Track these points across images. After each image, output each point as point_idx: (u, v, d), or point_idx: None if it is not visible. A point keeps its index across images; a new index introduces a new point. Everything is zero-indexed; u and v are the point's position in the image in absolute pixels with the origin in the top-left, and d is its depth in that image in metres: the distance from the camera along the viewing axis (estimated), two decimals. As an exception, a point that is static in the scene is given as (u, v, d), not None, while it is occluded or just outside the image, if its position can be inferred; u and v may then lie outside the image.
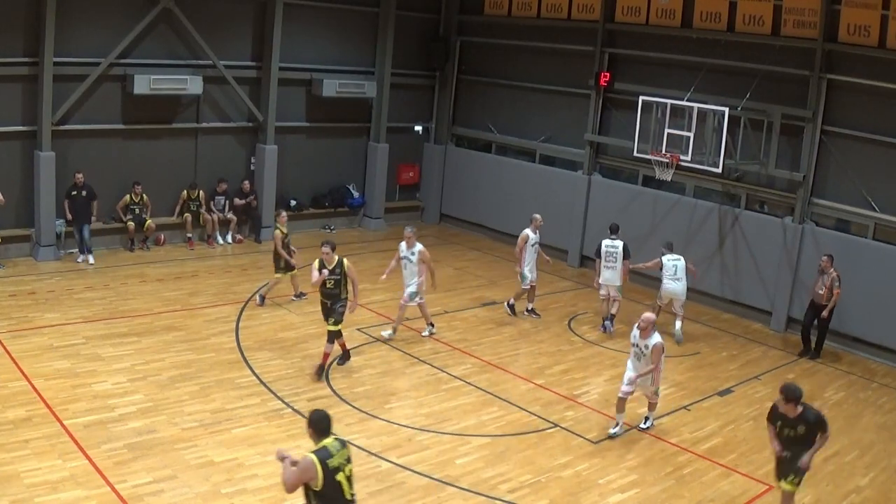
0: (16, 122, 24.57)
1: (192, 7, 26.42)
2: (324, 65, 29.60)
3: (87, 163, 25.63)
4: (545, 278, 25.51)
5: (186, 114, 27.56)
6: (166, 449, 14.56)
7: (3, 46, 24.01)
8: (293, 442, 14.87)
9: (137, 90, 25.65)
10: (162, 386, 17.12)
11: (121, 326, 20.12)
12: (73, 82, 24.92)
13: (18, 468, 13.57)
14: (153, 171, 26.85)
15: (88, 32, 25.09)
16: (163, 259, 25.93)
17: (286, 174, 29.10)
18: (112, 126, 26.16)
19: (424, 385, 17.62)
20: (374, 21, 30.31)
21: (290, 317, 21.46)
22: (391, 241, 28.46)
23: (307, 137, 30.12)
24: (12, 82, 24.33)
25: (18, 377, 16.94)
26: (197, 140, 27.98)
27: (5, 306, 20.97)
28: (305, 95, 29.66)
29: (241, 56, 28.10)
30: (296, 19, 28.38)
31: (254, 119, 28.44)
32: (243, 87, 28.05)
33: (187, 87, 26.45)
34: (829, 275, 20.94)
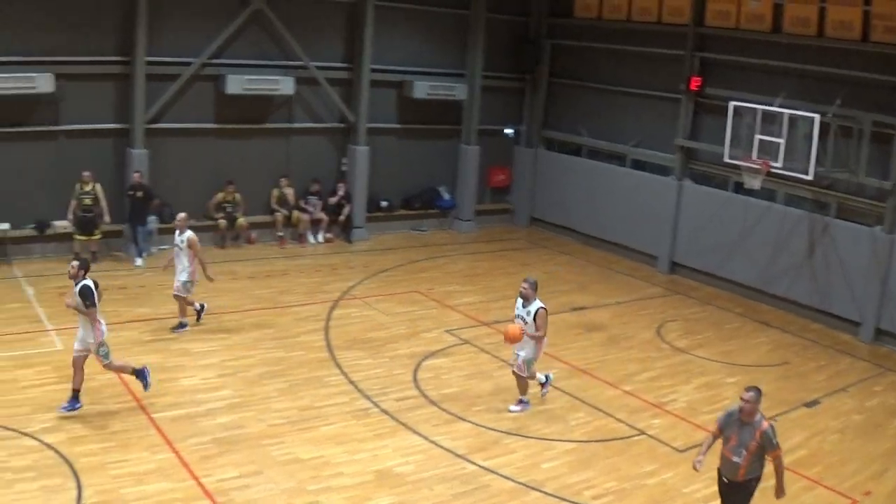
0: (109, 119, 25.03)
1: (284, 8, 26.59)
2: (414, 67, 29.52)
3: (179, 161, 26.05)
4: (634, 284, 25.24)
5: (278, 114, 27.72)
6: (253, 444, 14.60)
7: (96, 45, 24.48)
8: (380, 441, 14.90)
9: (230, 90, 25.89)
10: (250, 382, 17.21)
11: (211, 322, 20.27)
12: (165, 81, 25.29)
13: (105, 459, 13.73)
14: (245, 170, 27.04)
15: (181, 32, 25.44)
16: (254, 257, 26.08)
17: (377, 175, 29.07)
18: (204, 125, 26.46)
19: (512, 388, 17.37)
20: (465, 23, 30.16)
21: (379, 317, 21.41)
22: (481, 244, 28.65)
23: (398, 139, 30.08)
24: (106, 81, 24.80)
25: (108, 371, 16.98)
26: (289, 140, 28.05)
27: (97, 300, 21.18)
28: (397, 97, 29.62)
29: (333, 57, 28.17)
30: (387, 21, 28.36)
31: (345, 120, 28.47)
32: (335, 89, 28.08)
33: (279, 88, 26.60)
34: None
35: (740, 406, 11.68)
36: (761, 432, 11.49)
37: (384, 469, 14.13)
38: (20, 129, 23.96)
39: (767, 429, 11.59)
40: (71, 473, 13.26)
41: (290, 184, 27.67)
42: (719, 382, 18.85)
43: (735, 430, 11.75)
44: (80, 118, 24.62)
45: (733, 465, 11.73)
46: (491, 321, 21.20)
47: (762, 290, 24.78)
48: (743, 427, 11.65)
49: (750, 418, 11.63)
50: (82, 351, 14.87)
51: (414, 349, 19.34)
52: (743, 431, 11.63)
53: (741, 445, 11.60)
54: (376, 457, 14.51)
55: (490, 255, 27.90)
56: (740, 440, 11.62)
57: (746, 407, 11.61)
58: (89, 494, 12.71)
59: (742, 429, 11.65)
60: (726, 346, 21.34)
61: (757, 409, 11.64)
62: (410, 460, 14.47)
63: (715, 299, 23.78)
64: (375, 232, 29.00)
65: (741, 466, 11.64)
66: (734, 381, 18.82)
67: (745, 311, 23.92)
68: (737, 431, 11.71)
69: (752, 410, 11.62)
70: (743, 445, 11.59)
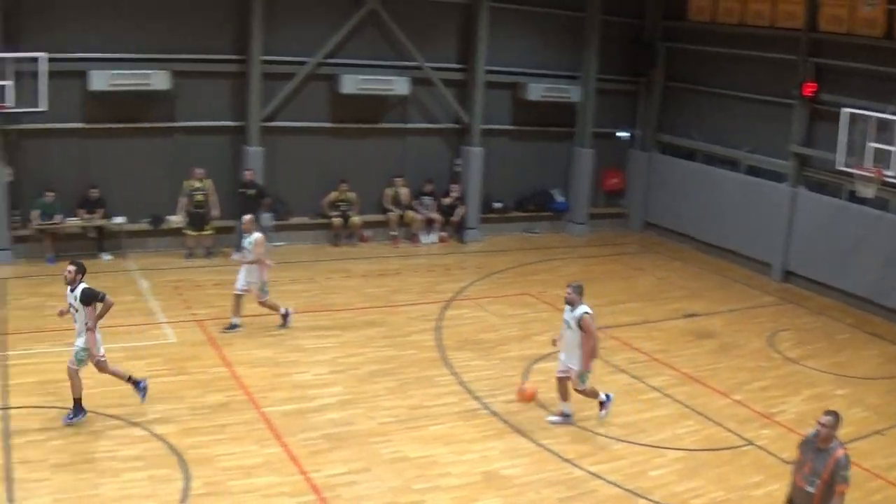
0: (225, 117, 25.39)
1: (398, 8, 26.61)
2: (528, 68, 29.25)
3: (294, 160, 26.27)
4: (747, 292, 24.80)
5: (393, 114, 27.73)
6: (362, 442, 14.56)
7: (213, 44, 24.87)
8: (488, 443, 14.75)
9: (345, 90, 25.98)
10: (361, 380, 17.20)
11: (324, 319, 20.38)
12: (280, 80, 25.56)
13: (214, 451, 13.85)
14: (359, 169, 27.11)
15: (296, 32, 25.67)
16: (367, 256, 26.14)
17: (491, 176, 28.88)
18: (319, 124, 26.63)
19: (622, 395, 17.06)
20: (579, 25, 29.74)
21: (491, 319, 21.24)
22: (594, 248, 28.41)
23: (512, 140, 29.85)
24: (222, 79, 25.19)
25: (220, 364, 17.41)
26: (403, 140, 28.07)
27: (210, 295, 21.62)
28: (511, 99, 29.40)
29: (447, 58, 28.09)
30: (501, 22, 28.14)
31: (459, 121, 28.36)
32: (449, 89, 28.01)
33: (394, 88, 26.62)
34: None
35: (817, 430, 10.90)
36: (835, 460, 10.67)
37: (491, 471, 13.97)
38: (137, 125, 24.38)
39: (841, 457, 10.74)
40: (179, 464, 13.37)
41: (404, 183, 27.66)
42: (829, 394, 18.25)
43: (811, 456, 10.97)
44: (195, 115, 25.03)
45: (806, 496, 10.93)
46: (603, 326, 20.78)
47: (874, 302, 23.97)
48: (818, 454, 10.86)
49: (826, 444, 10.84)
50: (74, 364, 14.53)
51: (524, 352, 19.10)
52: (818, 458, 10.84)
53: (814, 474, 10.81)
54: (484, 458, 14.35)
55: (602, 259, 27.56)
56: (814, 468, 10.85)
57: (823, 431, 10.82)
58: (197, 486, 12.80)
59: (817, 456, 10.87)
60: (837, 357, 20.67)
61: (834, 434, 10.82)
62: (518, 463, 14.28)
63: (827, 310, 23.13)
64: (488, 233, 28.82)
65: (815, 497, 10.82)
66: (843, 394, 18.27)
67: (857, 323, 23.18)
68: (812, 458, 10.93)
69: (829, 436, 10.82)
70: (816, 474, 10.80)
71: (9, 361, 16.87)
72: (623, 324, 21.20)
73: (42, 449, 13.63)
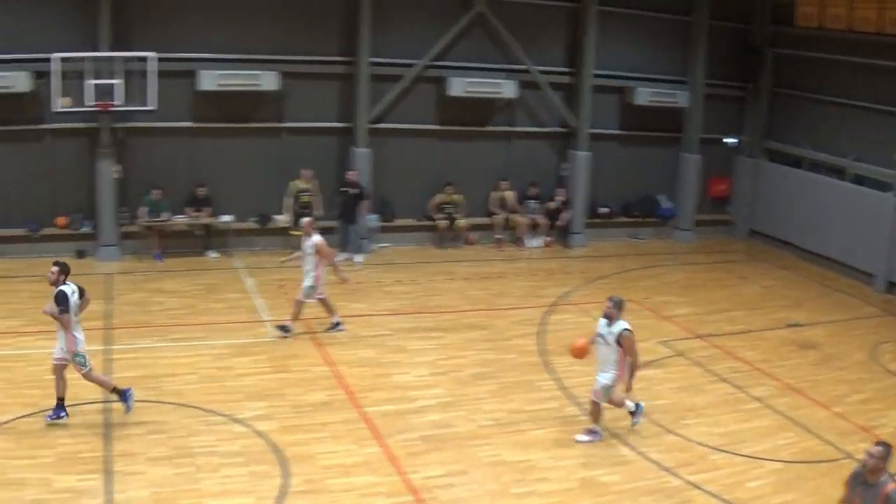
0: (333, 118, 25.56)
1: (506, 11, 26.44)
2: (636, 72, 28.89)
3: (400, 161, 26.31)
4: (850, 302, 24.22)
5: (500, 117, 27.62)
6: (460, 444, 14.45)
7: (321, 45, 25.07)
8: (587, 449, 14.57)
9: (452, 92, 25.93)
10: (462, 382, 17.10)
11: (426, 321, 20.35)
12: (388, 82, 25.61)
13: (314, 449, 13.88)
14: (465, 172, 27.05)
15: (404, 34, 25.70)
16: (471, 258, 26.05)
17: (597, 181, 28.54)
18: (426, 126, 26.63)
19: (722, 404, 16.79)
20: (686, 30, 29.24)
21: (593, 324, 20.91)
22: (699, 255, 28.02)
23: (619, 145, 29.49)
24: (330, 80, 25.36)
25: (322, 363, 17.46)
26: (510, 143, 27.94)
27: (316, 294, 21.56)
28: (618, 103, 29.08)
29: (555, 62, 27.80)
30: (608, 26, 27.78)
31: (566, 125, 28.10)
32: (557, 93, 27.77)
33: (501, 91, 26.46)
34: None
35: (863, 462, 10.03)
36: (885, 495, 9.77)
37: (589, 477, 13.76)
38: (245, 125, 24.64)
39: (892, 492, 9.81)
40: (279, 461, 13.41)
41: (510, 187, 27.46)
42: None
43: (859, 491, 10.10)
44: (303, 116, 25.22)
45: None
46: (705, 334, 20.55)
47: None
48: (867, 489, 9.98)
49: (874, 478, 9.92)
50: (61, 359, 14.30)
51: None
52: (867, 494, 9.98)
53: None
54: (583, 464, 14.16)
55: (707, 267, 27.09)
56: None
57: (870, 463, 9.91)
58: (296, 483, 12.82)
59: (866, 491, 10.00)
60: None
61: (883, 467, 9.91)
62: (616, 470, 14.04)
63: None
64: (593, 238, 28.52)
65: None
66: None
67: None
68: (860, 494, 10.06)
69: (877, 468, 9.89)
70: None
71: (113, 355, 17.11)
72: (726, 332, 20.81)
73: (141, 442, 13.78)
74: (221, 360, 17.24)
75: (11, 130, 23.13)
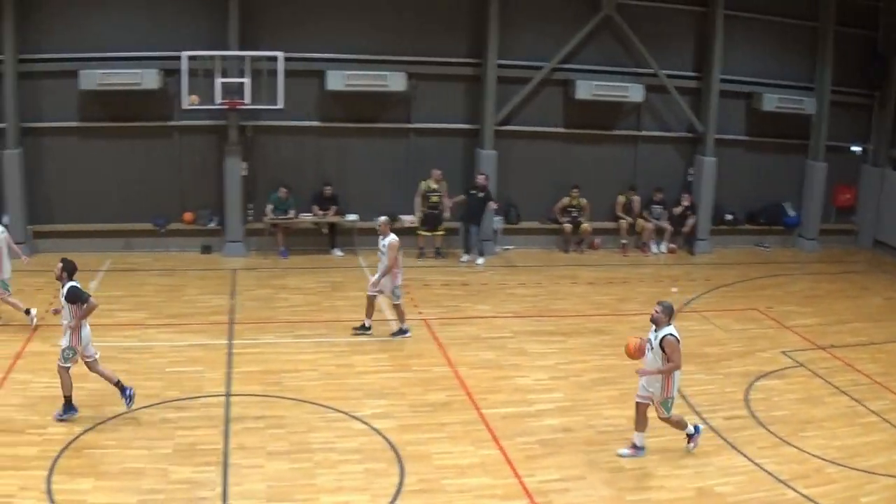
0: (459, 119, 25.68)
1: (633, 15, 26.25)
2: (761, 78, 28.32)
3: (526, 164, 26.35)
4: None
5: (626, 121, 27.42)
6: (578, 449, 14.30)
7: (449, 47, 25.27)
8: (704, 458, 14.29)
9: (579, 95, 25.81)
10: (583, 387, 16.95)
11: (548, 325, 20.23)
12: (515, 84, 25.63)
13: (431, 449, 13.89)
14: (591, 175, 26.89)
15: (531, 37, 25.71)
16: (596, 263, 25.92)
17: (723, 187, 28.10)
18: (552, 129, 26.57)
19: (841, 416, 16.34)
20: (812, 35, 28.51)
21: (716, 332, 20.64)
22: (823, 264, 27.54)
23: (745, 151, 28.96)
24: (457, 82, 25.55)
25: (443, 363, 17.52)
26: (636, 148, 27.71)
27: (438, 294, 21.93)
28: (745, 108, 28.58)
29: (682, 66, 27.47)
30: (735, 31, 27.31)
31: (693, 130, 27.73)
32: (684, 98, 27.44)
33: (629, 95, 26.26)
34: None
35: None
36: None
37: (705, 487, 13.50)
38: (372, 125, 24.87)
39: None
40: (395, 459, 13.45)
41: (636, 192, 27.19)
42: None
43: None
44: (430, 117, 25.42)
45: None
46: (827, 345, 20.07)
47: None
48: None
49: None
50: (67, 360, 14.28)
51: (748, 368, 18.47)
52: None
53: None
54: (699, 473, 13.88)
55: (831, 277, 26.42)
56: None
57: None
58: (411, 482, 12.83)
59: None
60: None
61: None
62: (732, 481, 13.74)
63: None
64: (718, 245, 28.16)
65: None
66: None
67: None
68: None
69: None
70: None
71: (235, 350, 17.39)
72: (847, 344, 20.27)
73: (260, 436, 13.96)
74: (343, 358, 17.40)
75: (141, 126, 23.75)
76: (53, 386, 15.00)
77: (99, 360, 14.50)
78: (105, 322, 18.88)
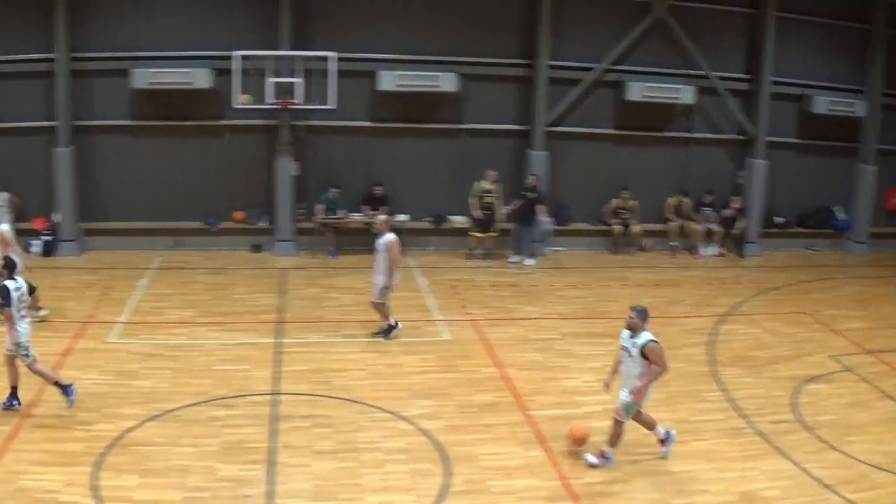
0: (509, 120, 25.75)
1: (685, 17, 26.08)
2: (812, 80, 28.04)
3: (576, 165, 26.28)
4: None
5: (677, 123, 27.29)
6: (624, 452, 14.17)
7: (500, 48, 25.34)
8: (749, 462, 14.21)
9: (630, 97, 25.78)
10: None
11: (597, 326, 20.13)
12: (566, 85, 25.60)
13: (477, 450, 13.91)
14: (641, 177, 26.84)
15: (583, 38, 25.66)
16: (645, 265, 25.87)
17: (773, 190, 27.87)
18: (603, 130, 26.53)
19: (887, 421, 16.17)
20: (864, 38, 28.17)
21: (764, 336, 20.51)
22: (873, 268, 27.34)
23: (795, 154, 28.66)
24: (508, 82, 25.60)
25: (491, 364, 17.54)
26: (687, 150, 27.56)
27: (486, 295, 21.97)
28: (796, 111, 28.32)
29: (733, 67, 27.28)
30: (786, 33, 27.06)
31: (744, 132, 27.57)
32: (734, 100, 27.26)
33: (680, 97, 26.15)
34: None
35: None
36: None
37: (750, 491, 13.42)
38: (423, 125, 24.96)
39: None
40: (441, 460, 13.50)
41: (687, 194, 27.09)
42: None
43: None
44: (481, 118, 25.47)
45: None
46: (875, 349, 19.89)
47: None
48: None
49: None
50: (10, 350, 14.36)
51: (795, 372, 18.34)
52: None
53: None
54: (744, 478, 13.80)
55: (880, 281, 26.16)
56: None
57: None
58: (456, 483, 12.87)
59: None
60: None
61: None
62: (777, 485, 13.65)
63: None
64: (768, 248, 27.94)
65: None
66: None
67: None
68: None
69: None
70: None
71: (284, 349, 17.55)
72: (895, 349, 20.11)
73: (306, 435, 14.08)
74: (391, 358, 17.49)
75: (192, 125, 23.99)
76: (101, 383, 15.32)
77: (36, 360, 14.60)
78: (154, 320, 19.21)
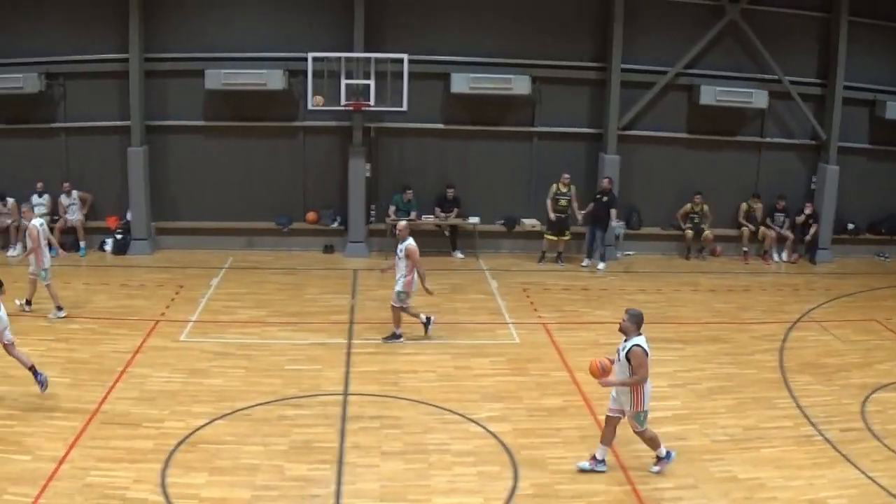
0: (582, 123, 25.87)
1: (757, 20, 25.91)
2: (885, 85, 27.65)
3: (648, 169, 26.34)
4: None
5: (750, 127, 27.13)
6: (693, 458, 14.23)
7: (573, 51, 25.48)
8: (818, 470, 14.09)
9: (703, 101, 25.67)
10: (699, 395, 16.86)
11: (667, 332, 20.11)
12: (639, 89, 25.61)
13: (546, 454, 13.94)
14: (713, 182, 26.72)
15: (655, 41, 25.66)
16: (717, 270, 25.72)
17: (845, 196, 27.60)
18: (675, 134, 26.49)
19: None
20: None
21: (835, 343, 20.32)
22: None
23: (867, 160, 28.33)
24: (581, 86, 25.67)
25: (561, 368, 17.60)
26: (759, 155, 27.39)
27: (558, 299, 22.00)
28: (867, 116, 27.98)
29: (805, 72, 27.01)
30: (860, 37, 26.73)
31: (816, 137, 27.31)
32: (807, 104, 27.01)
33: (752, 101, 26.01)
34: None
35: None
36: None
37: (817, 499, 13.31)
38: (496, 128, 25.01)
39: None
40: (510, 463, 13.54)
41: (760, 199, 26.91)
42: None
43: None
44: (553, 121, 25.55)
45: None
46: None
47: None
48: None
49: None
50: None
51: (865, 380, 18.12)
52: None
53: None
54: (812, 486, 13.69)
55: (952, 289, 25.89)
56: None
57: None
58: (525, 486, 12.90)
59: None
60: None
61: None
62: (845, 494, 13.51)
63: None
64: (840, 255, 27.68)
65: None
66: None
67: None
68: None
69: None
70: None
71: (353, 349, 17.75)
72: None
73: (375, 436, 14.21)
74: (461, 360, 17.57)
75: (265, 126, 24.30)
76: (172, 381, 15.64)
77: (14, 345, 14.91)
78: (225, 319, 19.49)
